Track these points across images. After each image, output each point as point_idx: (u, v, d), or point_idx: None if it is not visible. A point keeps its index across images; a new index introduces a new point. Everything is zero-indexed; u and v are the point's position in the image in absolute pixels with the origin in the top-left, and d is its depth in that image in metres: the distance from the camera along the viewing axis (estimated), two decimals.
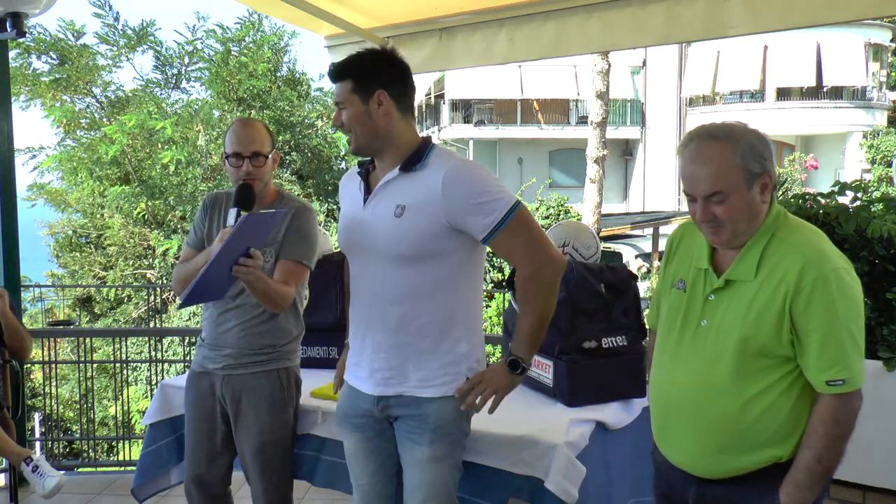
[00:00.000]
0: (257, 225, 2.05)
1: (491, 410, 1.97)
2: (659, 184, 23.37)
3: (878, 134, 22.28)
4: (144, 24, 11.48)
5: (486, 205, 1.84)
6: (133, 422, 8.73)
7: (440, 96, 24.31)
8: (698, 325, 1.69)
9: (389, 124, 1.92)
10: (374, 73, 1.91)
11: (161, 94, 11.95)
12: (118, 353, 5.16)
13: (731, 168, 1.57)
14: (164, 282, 11.50)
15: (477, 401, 1.93)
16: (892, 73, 23.60)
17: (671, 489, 1.83)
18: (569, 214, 14.27)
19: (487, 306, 10.41)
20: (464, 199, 1.85)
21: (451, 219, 1.86)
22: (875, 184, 19.19)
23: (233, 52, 11.77)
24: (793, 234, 1.62)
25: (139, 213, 11.92)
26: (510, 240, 1.87)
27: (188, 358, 5.82)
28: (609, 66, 12.54)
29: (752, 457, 1.64)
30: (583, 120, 21.90)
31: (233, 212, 2.26)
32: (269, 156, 2.41)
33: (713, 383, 1.64)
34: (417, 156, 1.92)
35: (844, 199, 3.13)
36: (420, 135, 2.02)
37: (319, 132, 12.57)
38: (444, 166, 1.89)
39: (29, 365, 5.87)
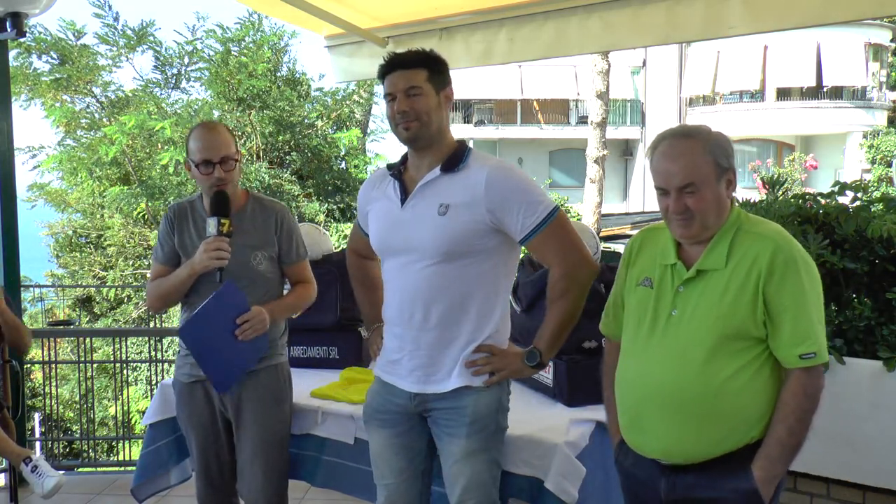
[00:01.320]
0: (214, 312, 2.23)
1: (485, 383, 1.99)
2: None
3: (878, 134, 22.26)
4: (144, 25, 11.45)
5: (528, 205, 1.91)
6: (133, 422, 8.72)
7: None
8: (669, 315, 1.76)
9: (446, 121, 2.01)
10: (445, 69, 2.01)
11: (161, 94, 11.93)
12: (118, 353, 5.16)
13: (703, 161, 1.70)
14: None
15: (483, 368, 1.97)
16: (892, 73, 23.59)
17: (642, 489, 1.87)
18: (569, 214, 14.26)
19: None
20: (506, 198, 1.91)
21: (492, 217, 1.92)
22: (875, 184, 19.17)
23: (233, 52, 11.73)
24: (757, 226, 1.74)
25: (139, 214, 11.91)
26: (547, 241, 1.94)
27: None
28: (609, 66, 12.53)
29: (729, 437, 1.71)
30: (583, 120, 21.90)
31: (212, 221, 2.28)
32: (237, 158, 2.39)
33: (689, 367, 1.71)
34: (458, 157, 1.98)
35: (844, 199, 3.12)
36: None
37: (319, 132, 12.55)
38: (485, 166, 1.95)
39: (29, 365, 5.87)
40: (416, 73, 1.95)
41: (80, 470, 4.79)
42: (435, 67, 1.99)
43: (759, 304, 1.67)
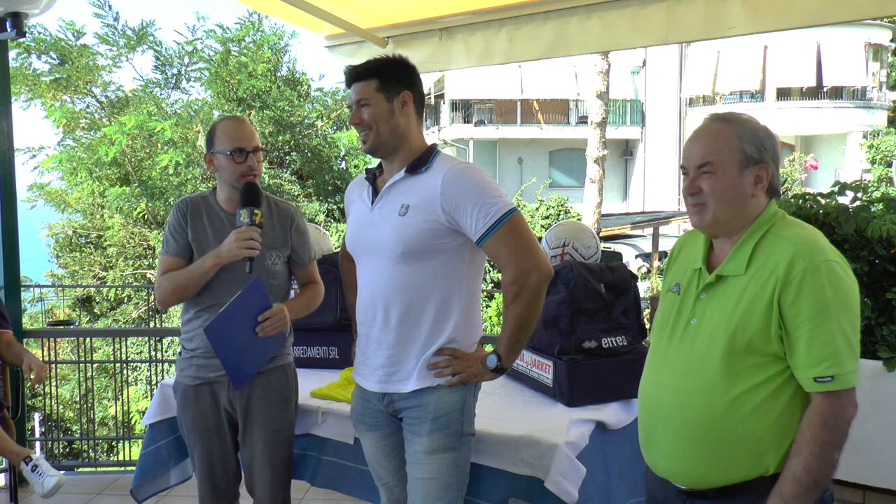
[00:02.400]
0: (239, 309, 2.21)
1: (447, 383, 1.98)
2: (659, 184, 23.37)
3: (878, 134, 22.28)
4: (144, 25, 11.47)
5: (481, 207, 1.89)
6: (133, 422, 8.71)
7: (440, 96, 24.31)
8: (688, 323, 1.65)
9: (408, 125, 2.01)
10: (400, 74, 2.01)
11: (161, 94, 11.94)
12: (118, 353, 5.15)
13: (727, 145, 1.58)
14: None
15: (444, 370, 1.97)
16: (892, 73, 23.60)
17: None
18: (569, 214, 14.26)
19: (487, 306, 10.41)
20: (461, 199, 1.90)
21: (448, 218, 1.91)
22: (875, 184, 19.19)
23: (233, 53, 11.75)
24: (788, 230, 1.58)
25: (139, 214, 11.92)
26: (500, 244, 1.90)
27: None
28: (609, 66, 12.54)
29: (737, 464, 1.56)
30: (583, 120, 21.90)
31: (245, 211, 2.28)
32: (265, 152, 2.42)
33: (699, 381, 1.59)
34: (423, 159, 1.99)
35: (844, 199, 3.12)
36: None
37: (319, 132, 12.55)
38: (445, 167, 1.95)
39: None
40: (366, 84, 2.00)
41: (80, 470, 4.78)
42: (387, 75, 1.99)
43: (774, 316, 1.50)
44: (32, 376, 3.23)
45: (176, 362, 2.49)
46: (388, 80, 1.99)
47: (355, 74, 2.02)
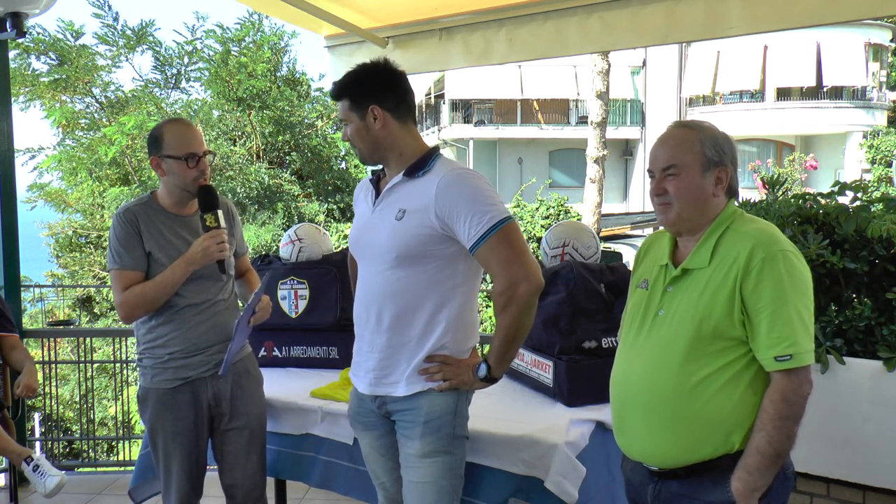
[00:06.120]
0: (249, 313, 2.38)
1: (438, 388, 1.98)
2: None
3: (878, 134, 22.27)
4: (144, 25, 11.46)
5: (474, 214, 1.88)
6: (133, 422, 8.69)
7: (440, 96, 24.31)
8: (656, 315, 1.76)
9: (389, 135, 1.99)
10: (367, 89, 1.98)
11: (160, 94, 11.94)
12: (118, 353, 5.15)
13: (690, 149, 1.71)
14: None
15: (434, 375, 1.97)
16: (892, 73, 23.60)
17: (637, 495, 1.86)
18: (569, 214, 14.26)
19: (488, 306, 10.40)
20: (454, 206, 1.89)
21: (441, 224, 1.91)
22: (875, 184, 19.17)
23: (232, 53, 11.74)
24: (746, 225, 1.71)
25: None
26: (491, 253, 1.88)
27: None
28: (609, 66, 12.55)
29: (705, 443, 1.66)
30: (583, 120, 21.90)
31: (210, 216, 2.30)
32: None
33: (667, 365, 1.69)
34: (422, 163, 1.99)
35: (844, 199, 3.12)
36: (422, 136, 2.07)
37: (319, 132, 12.55)
38: (441, 172, 1.95)
39: None
40: (342, 104, 2.01)
41: (80, 470, 4.78)
42: (355, 93, 1.98)
43: (736, 303, 1.62)
44: (18, 390, 3.28)
45: (140, 372, 2.40)
46: (357, 98, 1.98)
47: (332, 94, 2.05)
